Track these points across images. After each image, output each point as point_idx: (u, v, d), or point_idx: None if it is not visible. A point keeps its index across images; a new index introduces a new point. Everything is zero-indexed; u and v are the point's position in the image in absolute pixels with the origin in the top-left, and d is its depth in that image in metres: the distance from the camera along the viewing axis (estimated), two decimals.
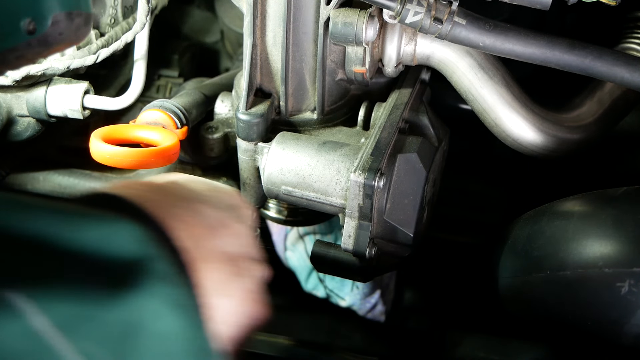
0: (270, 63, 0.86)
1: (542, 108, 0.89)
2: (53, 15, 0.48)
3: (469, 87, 0.87)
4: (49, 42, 0.49)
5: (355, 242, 0.79)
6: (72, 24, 0.50)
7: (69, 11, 0.49)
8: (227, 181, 1.15)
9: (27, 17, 0.48)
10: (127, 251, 0.44)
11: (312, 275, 1.38)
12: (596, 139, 0.92)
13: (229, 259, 0.56)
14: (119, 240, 0.44)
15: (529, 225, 0.82)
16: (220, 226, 0.59)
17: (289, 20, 0.81)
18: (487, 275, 0.88)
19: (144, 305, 0.42)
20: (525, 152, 0.90)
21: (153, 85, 1.21)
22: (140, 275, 0.43)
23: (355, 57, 0.83)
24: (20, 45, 0.48)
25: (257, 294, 0.58)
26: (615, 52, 0.76)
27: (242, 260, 0.58)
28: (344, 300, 1.38)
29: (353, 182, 0.76)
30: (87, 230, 0.43)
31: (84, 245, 0.42)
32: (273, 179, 0.83)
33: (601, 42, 0.78)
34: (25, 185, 1.12)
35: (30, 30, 0.48)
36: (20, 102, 0.94)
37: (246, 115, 0.84)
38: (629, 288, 0.66)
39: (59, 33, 0.49)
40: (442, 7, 0.75)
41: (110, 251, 0.43)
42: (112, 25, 0.95)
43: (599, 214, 0.74)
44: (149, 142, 0.85)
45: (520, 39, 0.76)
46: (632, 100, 0.93)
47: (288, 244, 1.37)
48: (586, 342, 0.75)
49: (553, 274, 0.73)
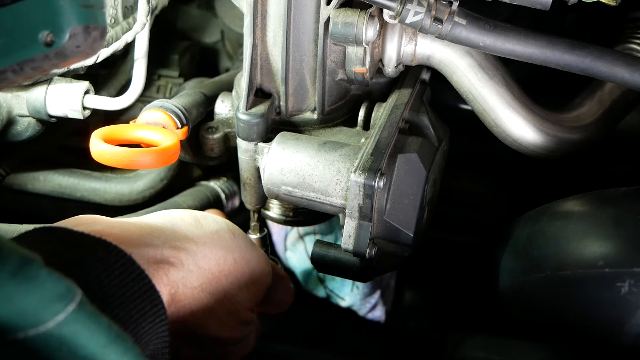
0: (271, 63, 0.86)
1: (542, 108, 0.89)
2: (71, 29, 0.50)
3: (469, 87, 0.87)
4: (66, 54, 0.50)
5: (355, 242, 0.79)
6: (89, 37, 0.51)
7: (86, 25, 0.50)
8: (227, 181, 1.15)
9: (46, 29, 0.49)
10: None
11: (312, 275, 1.38)
12: (596, 139, 0.92)
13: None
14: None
15: (529, 225, 0.82)
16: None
17: (289, 20, 0.81)
18: (487, 275, 0.88)
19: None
20: (525, 152, 0.90)
21: (153, 85, 1.21)
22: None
23: (356, 57, 0.83)
24: (37, 57, 0.49)
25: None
26: (615, 52, 0.76)
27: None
28: (344, 300, 1.38)
29: (353, 182, 0.76)
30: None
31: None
32: (273, 179, 0.83)
33: (601, 42, 0.78)
34: (25, 185, 1.12)
35: (48, 42, 0.49)
36: (20, 102, 0.94)
37: (246, 115, 0.84)
38: (629, 288, 0.66)
39: (77, 46, 0.50)
40: (443, 7, 0.75)
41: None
42: (112, 25, 0.95)
43: (599, 214, 0.74)
44: (149, 142, 0.85)
45: (521, 39, 0.76)
46: (632, 100, 0.93)
47: (288, 244, 1.37)
48: (586, 342, 0.75)
49: (553, 274, 0.73)
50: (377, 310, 1.39)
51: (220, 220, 0.76)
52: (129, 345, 0.48)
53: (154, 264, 0.63)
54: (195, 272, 0.67)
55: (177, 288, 0.65)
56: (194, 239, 0.70)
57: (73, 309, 0.46)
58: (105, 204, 1.11)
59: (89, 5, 0.51)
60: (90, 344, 0.46)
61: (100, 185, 1.11)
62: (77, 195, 1.11)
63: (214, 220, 0.75)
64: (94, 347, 0.46)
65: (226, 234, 0.74)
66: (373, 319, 1.41)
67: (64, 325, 0.45)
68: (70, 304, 0.46)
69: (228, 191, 1.14)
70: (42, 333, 0.45)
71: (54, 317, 0.45)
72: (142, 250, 0.63)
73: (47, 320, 0.45)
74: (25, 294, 0.45)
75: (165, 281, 0.64)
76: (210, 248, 0.70)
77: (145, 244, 0.65)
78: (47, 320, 0.45)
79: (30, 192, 1.12)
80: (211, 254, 0.70)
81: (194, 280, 0.67)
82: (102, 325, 0.47)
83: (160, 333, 0.58)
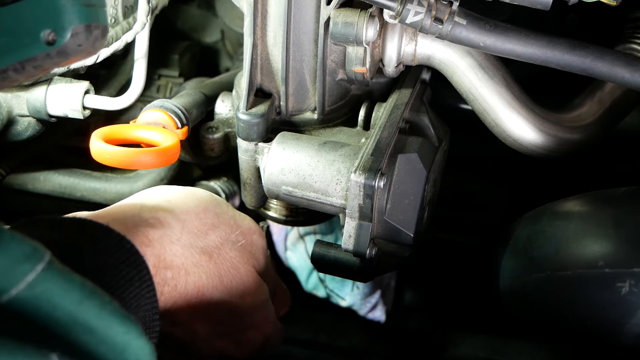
0: (271, 63, 0.86)
1: (542, 108, 0.89)
2: (73, 28, 0.50)
3: (470, 87, 0.87)
4: (68, 53, 0.50)
5: (355, 242, 0.79)
6: (91, 36, 0.51)
7: (88, 24, 0.50)
8: (227, 181, 1.15)
9: (48, 28, 0.49)
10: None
11: (312, 275, 1.38)
12: (596, 139, 0.92)
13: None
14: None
15: (529, 225, 0.82)
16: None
17: (289, 20, 0.81)
18: (487, 275, 0.88)
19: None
20: (525, 152, 0.90)
21: (153, 85, 1.21)
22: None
23: (356, 57, 0.83)
24: (39, 56, 0.49)
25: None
26: (615, 53, 0.76)
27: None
28: (345, 300, 1.38)
29: (353, 182, 0.76)
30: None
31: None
32: (273, 179, 0.83)
33: (601, 43, 0.78)
34: (25, 185, 1.12)
35: (50, 41, 0.49)
36: (20, 101, 0.94)
37: (246, 115, 0.84)
38: (629, 288, 0.67)
39: (78, 44, 0.51)
40: (443, 7, 0.75)
41: None
42: (112, 25, 0.95)
43: (599, 214, 0.74)
44: (150, 142, 0.85)
45: (521, 39, 0.76)
46: (632, 100, 0.93)
47: (288, 244, 1.37)
48: (586, 342, 0.75)
49: (553, 274, 0.73)
50: (377, 310, 1.40)
51: (194, 188, 0.74)
52: (105, 299, 0.47)
53: (133, 227, 0.62)
54: (176, 228, 0.65)
55: (161, 246, 0.63)
56: (169, 200, 0.68)
57: (42, 268, 0.45)
58: (105, 203, 1.10)
59: (91, 4, 0.51)
60: (65, 301, 0.46)
61: (100, 185, 1.11)
62: (77, 195, 1.11)
63: (187, 187, 0.73)
64: (68, 304, 0.46)
65: (201, 192, 0.72)
66: (373, 319, 1.41)
67: (35, 285, 0.45)
68: (39, 263, 0.46)
69: (228, 191, 1.14)
70: (14, 297, 0.44)
71: (24, 278, 0.45)
72: (120, 219, 0.62)
73: (17, 282, 0.44)
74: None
75: (145, 242, 0.62)
76: (189, 204, 0.68)
77: (122, 213, 0.64)
78: (18, 283, 0.44)
79: (30, 192, 1.12)
80: (189, 209, 0.67)
81: (177, 234, 0.64)
82: (74, 282, 0.47)
83: (148, 298, 0.57)
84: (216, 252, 0.67)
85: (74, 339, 0.45)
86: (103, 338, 0.46)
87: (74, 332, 0.45)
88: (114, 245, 0.57)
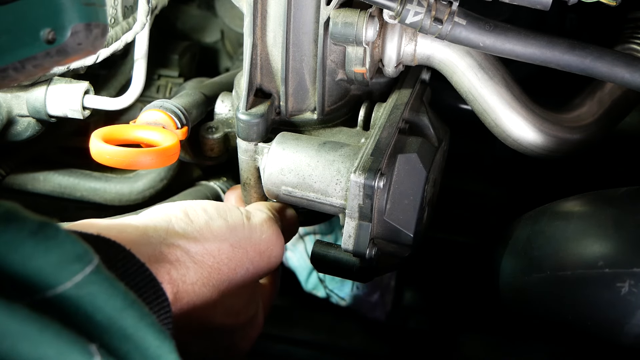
0: (271, 63, 0.86)
1: (542, 108, 0.89)
2: (72, 26, 0.50)
3: (469, 88, 0.87)
4: (68, 51, 0.50)
5: (355, 242, 0.79)
6: (91, 34, 0.51)
7: (87, 22, 0.50)
8: (227, 181, 1.15)
9: (47, 27, 0.49)
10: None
11: (312, 275, 1.38)
12: (596, 139, 0.92)
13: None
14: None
15: (529, 225, 0.82)
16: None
17: (289, 20, 0.81)
18: (487, 276, 0.88)
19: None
20: (525, 152, 0.90)
21: (153, 85, 1.21)
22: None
23: (356, 57, 0.83)
24: (39, 55, 0.49)
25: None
26: (615, 53, 0.76)
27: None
28: (344, 300, 1.38)
29: (353, 182, 0.76)
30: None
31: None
32: (273, 179, 0.83)
33: (601, 43, 0.78)
34: (25, 185, 1.12)
35: (50, 39, 0.49)
36: (20, 102, 0.94)
37: (246, 115, 0.84)
38: (629, 288, 0.67)
39: (78, 43, 0.50)
40: (443, 7, 0.75)
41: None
42: (112, 25, 0.95)
43: (599, 214, 0.74)
44: (149, 143, 0.85)
45: (521, 39, 0.76)
46: (632, 100, 0.93)
47: (288, 244, 1.37)
48: (586, 342, 0.75)
49: (553, 274, 0.73)
50: (377, 310, 1.40)
51: (209, 209, 0.75)
52: (144, 311, 0.48)
53: (155, 262, 0.63)
54: (192, 269, 0.67)
55: (178, 287, 0.65)
56: (186, 235, 0.69)
57: (91, 271, 0.46)
58: (105, 204, 1.11)
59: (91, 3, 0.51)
60: (107, 306, 0.46)
61: (100, 185, 1.11)
62: (77, 195, 1.11)
63: (203, 211, 0.73)
64: (110, 310, 0.46)
65: (217, 221, 0.73)
66: (373, 319, 1.41)
67: (81, 286, 0.46)
68: (88, 265, 0.46)
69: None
70: (59, 294, 0.45)
71: (72, 278, 0.45)
72: (141, 249, 0.63)
73: (65, 280, 0.45)
74: (44, 252, 0.45)
75: (167, 279, 0.64)
76: (203, 243, 0.69)
77: (143, 243, 0.65)
78: (66, 281, 0.45)
79: (30, 192, 1.12)
80: (205, 249, 0.69)
81: (192, 276, 0.66)
82: (119, 289, 0.48)
83: (166, 325, 0.58)
84: (225, 285, 0.70)
85: (109, 342, 0.46)
86: (137, 347, 0.47)
87: (111, 336, 0.46)
88: (136, 269, 0.58)
